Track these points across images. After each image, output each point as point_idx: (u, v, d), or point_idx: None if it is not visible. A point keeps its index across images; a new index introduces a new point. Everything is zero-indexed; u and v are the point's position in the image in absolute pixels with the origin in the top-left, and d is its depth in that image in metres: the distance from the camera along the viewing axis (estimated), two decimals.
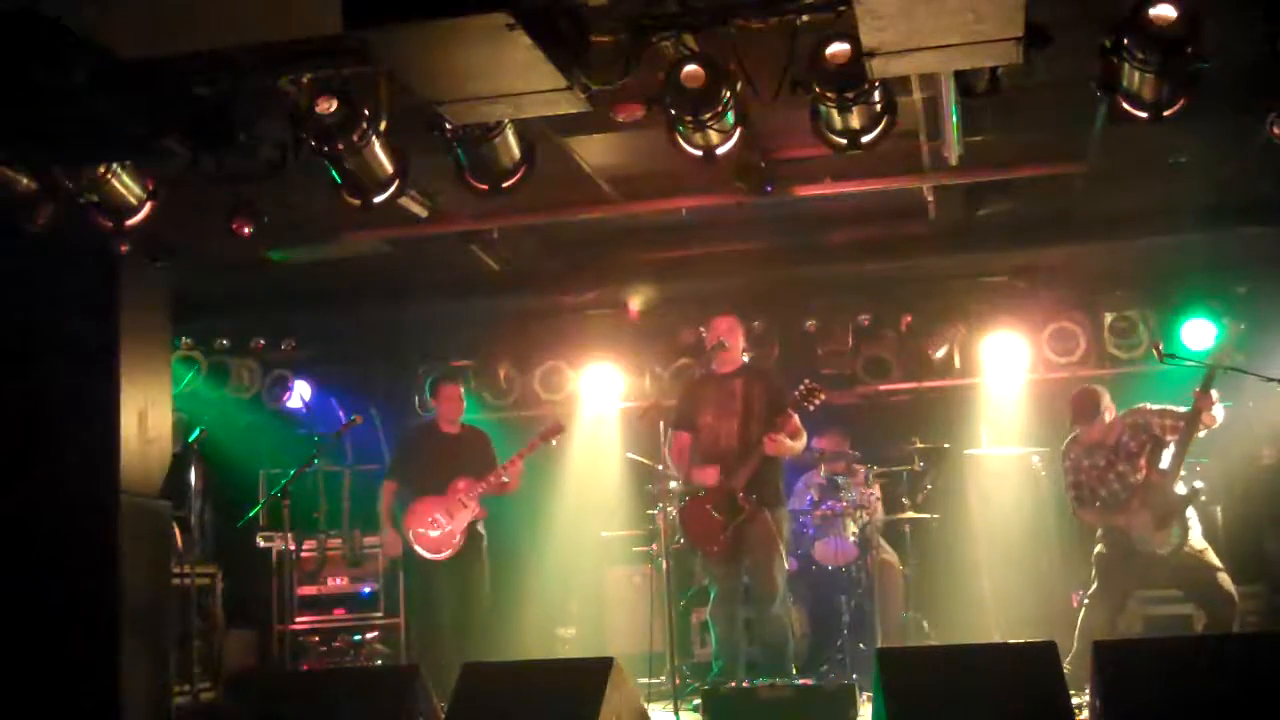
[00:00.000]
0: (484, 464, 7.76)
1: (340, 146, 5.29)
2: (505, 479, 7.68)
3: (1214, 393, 6.42)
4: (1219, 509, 7.96)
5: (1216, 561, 6.58)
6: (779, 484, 6.94)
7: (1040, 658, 4.84)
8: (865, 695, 6.36)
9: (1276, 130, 5.52)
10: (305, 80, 5.27)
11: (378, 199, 5.68)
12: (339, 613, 9.03)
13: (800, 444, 6.90)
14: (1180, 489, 6.53)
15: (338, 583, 9.08)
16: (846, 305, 9.13)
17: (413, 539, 7.63)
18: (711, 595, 6.98)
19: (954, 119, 5.74)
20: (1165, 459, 6.57)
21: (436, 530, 7.57)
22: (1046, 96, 5.67)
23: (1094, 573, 6.84)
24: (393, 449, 8.36)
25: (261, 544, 8.79)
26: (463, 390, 8.12)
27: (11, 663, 6.09)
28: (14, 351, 6.46)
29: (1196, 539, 6.60)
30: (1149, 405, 6.73)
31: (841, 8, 4.71)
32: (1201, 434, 6.57)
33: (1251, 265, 8.37)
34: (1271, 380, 6.70)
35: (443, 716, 5.21)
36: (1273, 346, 7.83)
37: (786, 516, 7.05)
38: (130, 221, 6.03)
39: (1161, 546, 6.57)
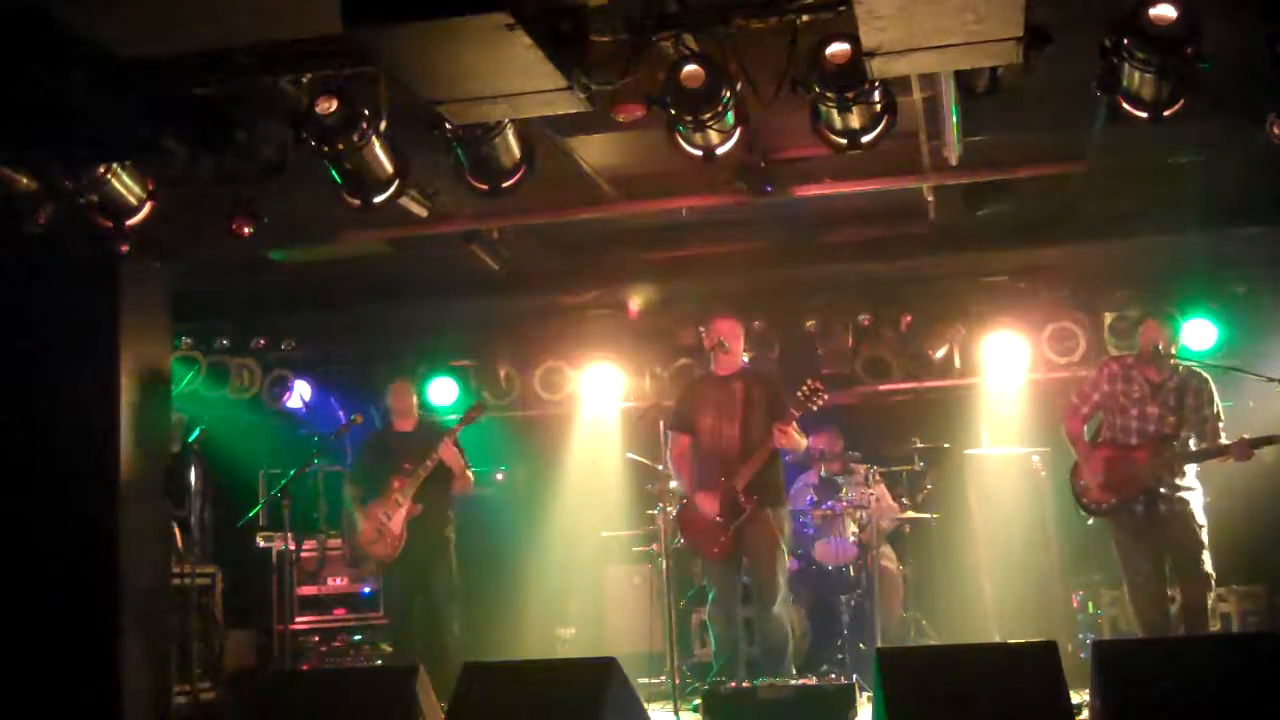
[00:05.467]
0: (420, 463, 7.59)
1: (340, 146, 5.29)
2: (430, 464, 7.45)
3: (1255, 453, 6.49)
4: (1220, 509, 7.97)
5: (1204, 539, 6.59)
6: (780, 484, 6.95)
7: (1040, 658, 4.84)
8: (865, 695, 6.37)
9: (1276, 130, 5.52)
10: (305, 80, 5.27)
11: (378, 199, 5.67)
12: (339, 613, 9.04)
13: (804, 443, 6.93)
14: (1178, 483, 6.57)
15: (338, 583, 9.09)
16: (846, 305, 9.13)
17: (364, 544, 7.59)
18: (710, 595, 6.98)
19: (954, 119, 5.74)
20: (1191, 442, 6.61)
21: (379, 532, 7.48)
22: (1046, 96, 5.66)
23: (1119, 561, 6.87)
24: (354, 452, 8.32)
25: (261, 544, 8.78)
26: (412, 387, 8.07)
27: (12, 662, 6.09)
28: (14, 351, 6.46)
29: (1196, 522, 6.61)
30: (1215, 391, 6.73)
31: (841, 8, 4.70)
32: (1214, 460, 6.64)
33: (1251, 265, 8.37)
34: (1272, 380, 6.71)
35: (443, 716, 5.21)
36: (1273, 346, 7.83)
37: (788, 516, 7.06)
38: (130, 221, 6.02)
39: (1098, 503, 6.68)
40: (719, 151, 5.35)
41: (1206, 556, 6.55)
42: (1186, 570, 6.56)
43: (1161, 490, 6.55)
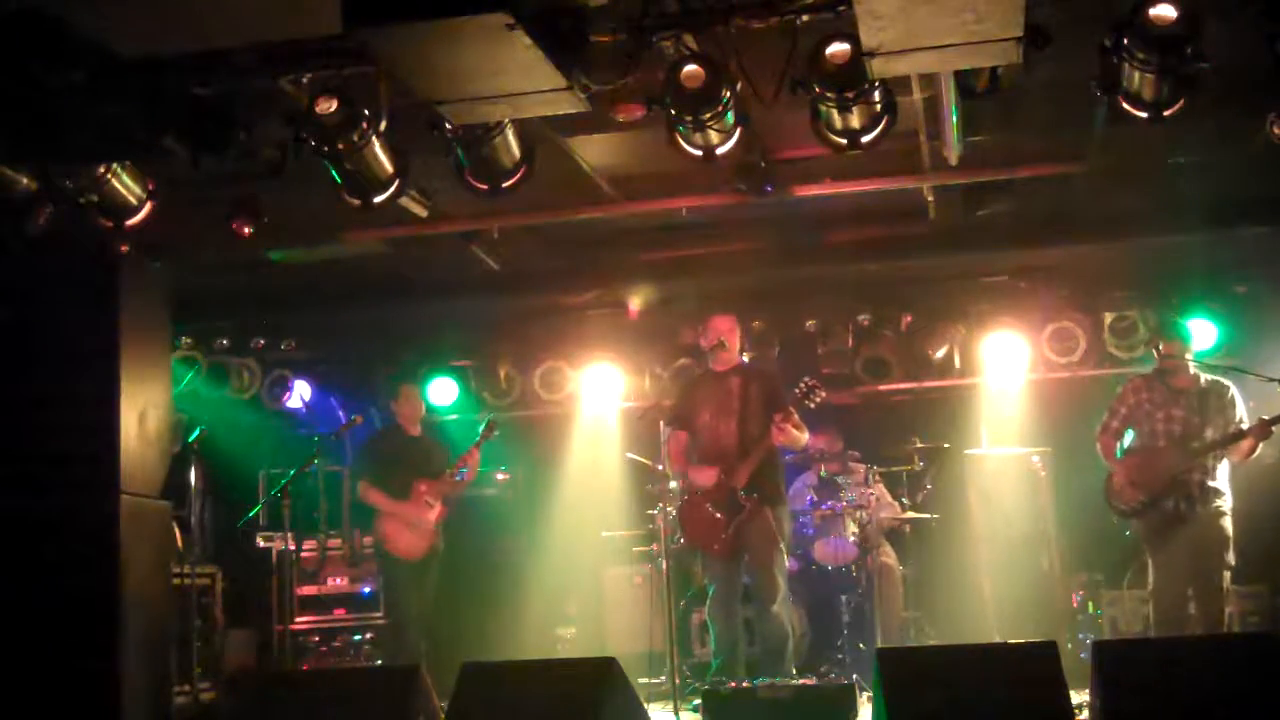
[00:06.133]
0: (442, 466, 7.92)
1: (340, 146, 5.29)
2: (462, 474, 7.84)
3: (1275, 430, 6.55)
4: None
5: (1229, 552, 6.65)
6: (779, 482, 6.94)
7: (1040, 658, 4.84)
8: (865, 695, 6.37)
9: (1276, 130, 5.52)
10: (305, 80, 5.27)
11: (378, 199, 5.68)
12: (339, 613, 9.03)
13: (804, 438, 6.91)
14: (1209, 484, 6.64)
15: (338, 583, 9.09)
16: (846, 305, 9.13)
17: (390, 540, 7.72)
18: (710, 594, 6.98)
19: (954, 119, 5.74)
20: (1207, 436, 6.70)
21: (411, 533, 7.69)
22: (1046, 96, 5.67)
23: (1148, 559, 6.92)
24: (362, 450, 8.39)
25: (261, 544, 8.78)
26: (420, 392, 8.34)
27: (12, 662, 6.09)
28: (14, 351, 6.46)
29: (1226, 524, 6.69)
30: (1238, 395, 6.80)
31: (841, 8, 4.70)
32: (1233, 457, 6.70)
33: (1251, 265, 8.37)
34: (1272, 380, 6.71)
35: (443, 717, 5.20)
36: (1273, 346, 7.83)
37: (787, 515, 7.05)
38: (130, 221, 6.03)
39: (1130, 503, 6.74)
40: (719, 151, 5.36)
41: (1228, 567, 6.59)
42: (1204, 574, 6.60)
43: (1192, 489, 6.62)
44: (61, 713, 6.02)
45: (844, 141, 5.27)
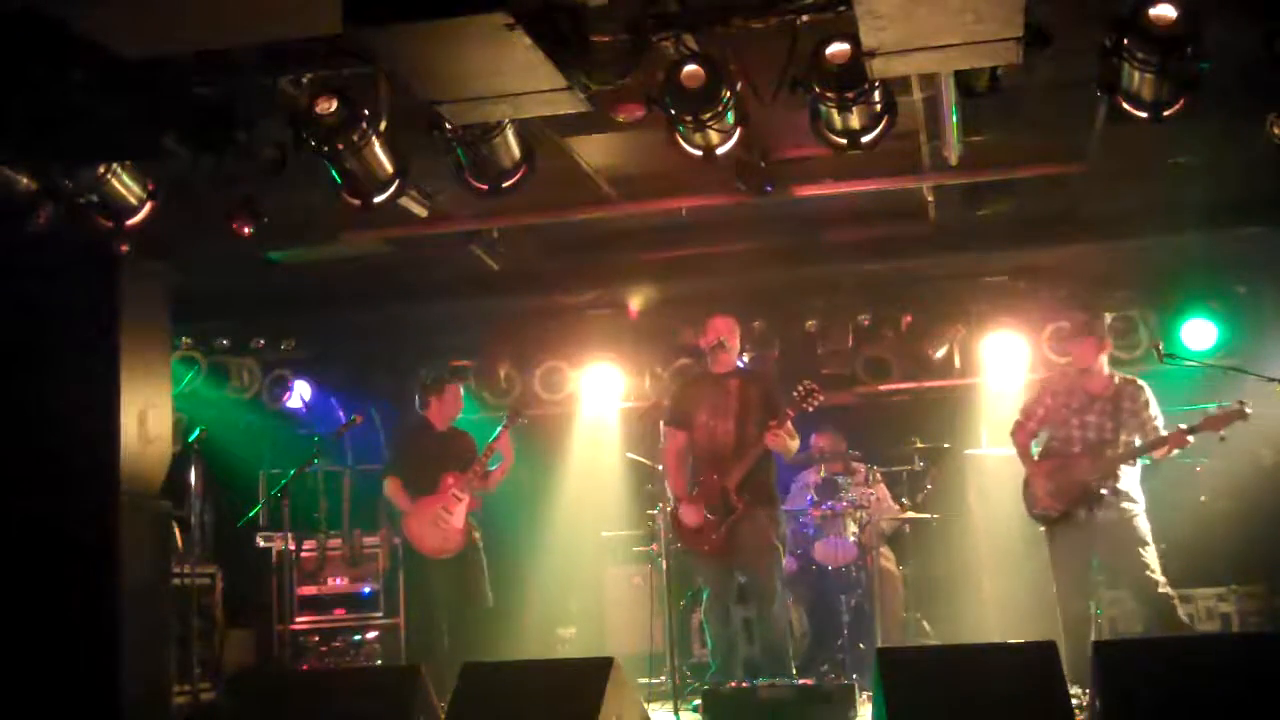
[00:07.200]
0: (471, 459, 7.86)
1: (340, 146, 5.29)
2: (497, 461, 7.81)
3: (1191, 439, 6.54)
4: (1219, 509, 7.97)
5: (1147, 547, 6.63)
6: (772, 483, 6.92)
7: (1040, 658, 4.84)
8: (865, 695, 6.37)
9: (1277, 130, 5.52)
10: (305, 80, 5.27)
11: (378, 199, 5.68)
12: (339, 613, 9.04)
13: (795, 445, 6.90)
14: (1119, 488, 6.65)
15: (338, 583, 9.09)
16: (846, 305, 9.14)
17: (416, 539, 7.68)
18: (705, 595, 6.98)
19: (954, 119, 5.74)
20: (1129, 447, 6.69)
21: (439, 528, 7.63)
22: (1046, 96, 5.67)
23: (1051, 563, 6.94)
24: (391, 447, 8.36)
25: (261, 544, 8.79)
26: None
27: (11, 662, 6.09)
28: (14, 352, 6.46)
29: (1139, 524, 6.66)
30: (1151, 396, 6.76)
31: (841, 8, 4.71)
32: (1154, 453, 6.69)
33: (1251, 265, 8.38)
34: (1272, 380, 6.71)
35: (443, 716, 5.21)
36: (1273, 346, 7.84)
37: (782, 516, 7.04)
38: (130, 221, 6.03)
39: (1047, 511, 6.77)
40: (719, 151, 5.36)
41: (1152, 560, 6.56)
42: (1131, 573, 6.61)
43: (1103, 494, 6.61)
44: (62, 712, 6.02)
45: (844, 141, 5.27)
